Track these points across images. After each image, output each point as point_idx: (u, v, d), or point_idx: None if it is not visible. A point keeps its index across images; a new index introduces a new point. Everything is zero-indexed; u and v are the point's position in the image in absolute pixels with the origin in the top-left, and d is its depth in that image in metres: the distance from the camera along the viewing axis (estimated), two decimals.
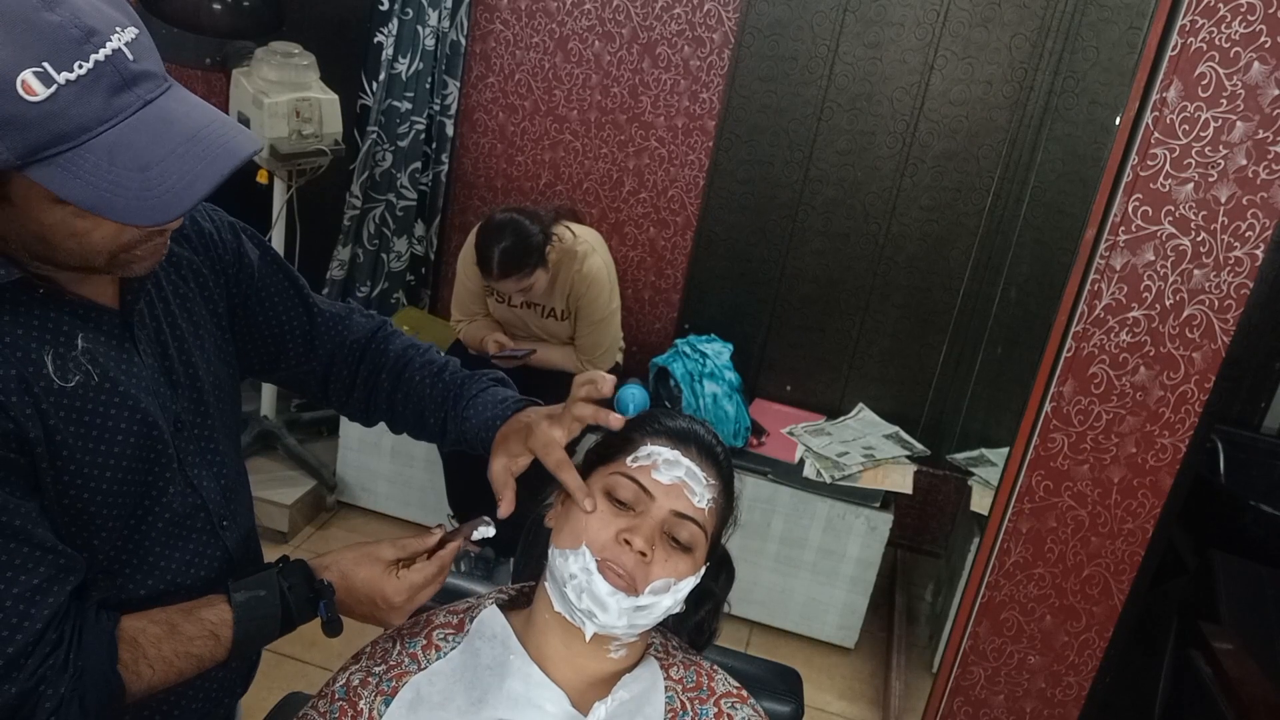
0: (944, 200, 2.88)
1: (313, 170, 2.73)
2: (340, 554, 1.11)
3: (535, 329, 2.81)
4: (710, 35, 2.87)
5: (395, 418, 1.31)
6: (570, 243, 2.67)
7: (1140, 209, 1.66)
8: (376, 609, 1.09)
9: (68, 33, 0.80)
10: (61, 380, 0.93)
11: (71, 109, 0.80)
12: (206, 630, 1.01)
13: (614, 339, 2.84)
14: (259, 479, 2.89)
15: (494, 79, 3.08)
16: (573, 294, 2.71)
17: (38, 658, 0.90)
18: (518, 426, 1.17)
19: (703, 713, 1.06)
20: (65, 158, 0.81)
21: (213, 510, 1.11)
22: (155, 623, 1.00)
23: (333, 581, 1.08)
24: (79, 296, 0.97)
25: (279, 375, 1.29)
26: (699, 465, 1.08)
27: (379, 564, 1.09)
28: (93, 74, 0.81)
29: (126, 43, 0.84)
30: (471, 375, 1.28)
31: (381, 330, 1.31)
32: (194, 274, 1.12)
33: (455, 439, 1.26)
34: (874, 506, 2.66)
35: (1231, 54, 1.56)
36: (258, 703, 1.36)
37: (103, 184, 0.82)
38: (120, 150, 0.83)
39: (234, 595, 1.04)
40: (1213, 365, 1.71)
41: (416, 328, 3.08)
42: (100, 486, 0.97)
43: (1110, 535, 1.85)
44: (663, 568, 1.03)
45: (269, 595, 1.05)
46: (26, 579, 0.90)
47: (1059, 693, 1.99)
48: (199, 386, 1.10)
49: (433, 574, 1.10)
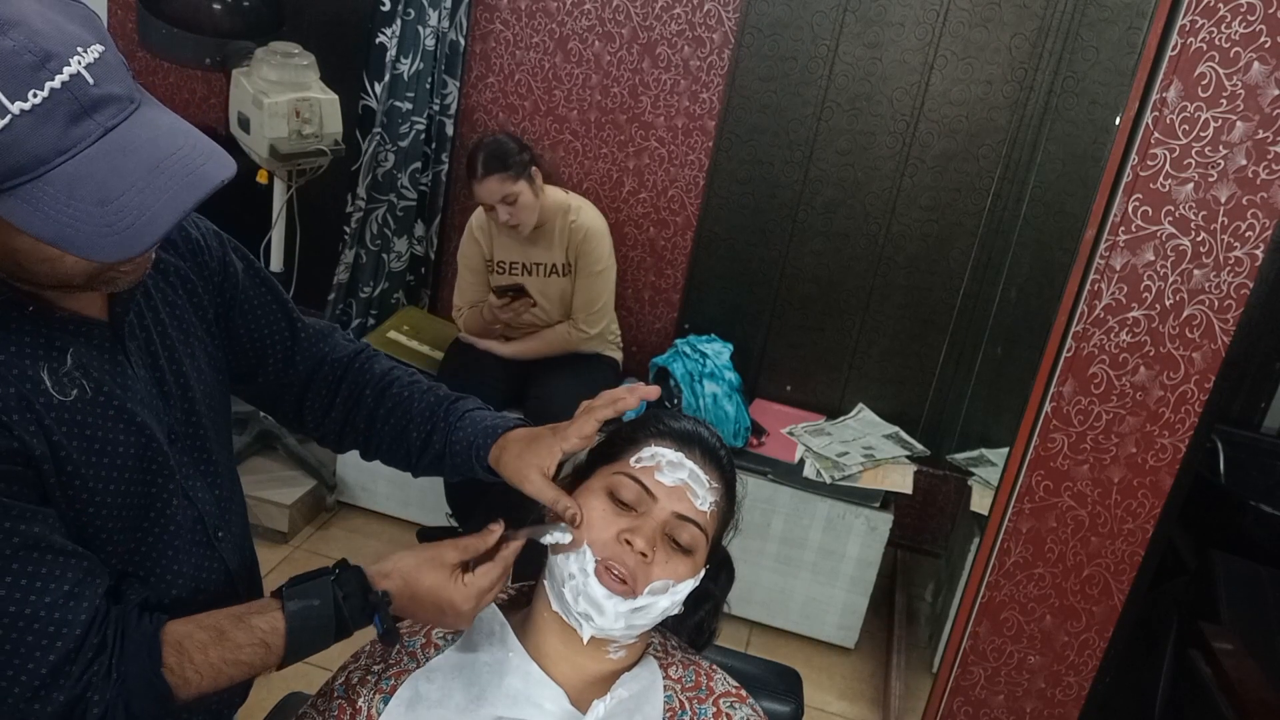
0: (944, 200, 2.88)
1: (313, 170, 2.73)
2: (401, 560, 1.06)
3: (538, 295, 2.80)
4: (710, 35, 2.87)
5: (373, 436, 1.27)
6: (562, 197, 2.78)
7: (1140, 209, 1.66)
8: (444, 615, 1.05)
9: (21, 59, 0.76)
10: (61, 395, 0.92)
11: (27, 140, 0.76)
12: (257, 638, 0.98)
13: (609, 300, 2.84)
14: (259, 479, 2.89)
15: (494, 79, 3.08)
16: (570, 243, 2.76)
17: (82, 663, 0.89)
18: (529, 437, 1.13)
19: (701, 712, 1.06)
20: (23, 190, 0.77)
21: (208, 522, 1.10)
22: (203, 628, 0.98)
23: (394, 589, 1.04)
24: (68, 311, 0.95)
25: (255, 388, 1.26)
26: (702, 468, 1.08)
27: (443, 569, 1.04)
28: (48, 102, 0.77)
29: (88, 65, 0.79)
30: (462, 395, 1.26)
31: (365, 351, 1.30)
32: (182, 281, 1.10)
33: (436, 454, 1.22)
34: (874, 506, 2.66)
35: (1231, 54, 1.56)
36: (258, 703, 1.36)
37: (63, 218, 0.78)
38: (79, 183, 0.79)
39: (287, 604, 1.00)
40: (1213, 365, 1.71)
41: (416, 327, 3.08)
42: (106, 500, 0.96)
43: (1110, 535, 1.85)
44: (663, 569, 1.03)
45: (323, 605, 1.01)
46: (58, 586, 0.89)
47: (1059, 693, 1.99)
48: (190, 396, 1.08)
49: (497, 577, 1.06)
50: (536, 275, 2.80)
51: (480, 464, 1.16)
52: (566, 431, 1.09)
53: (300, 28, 2.95)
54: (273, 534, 2.84)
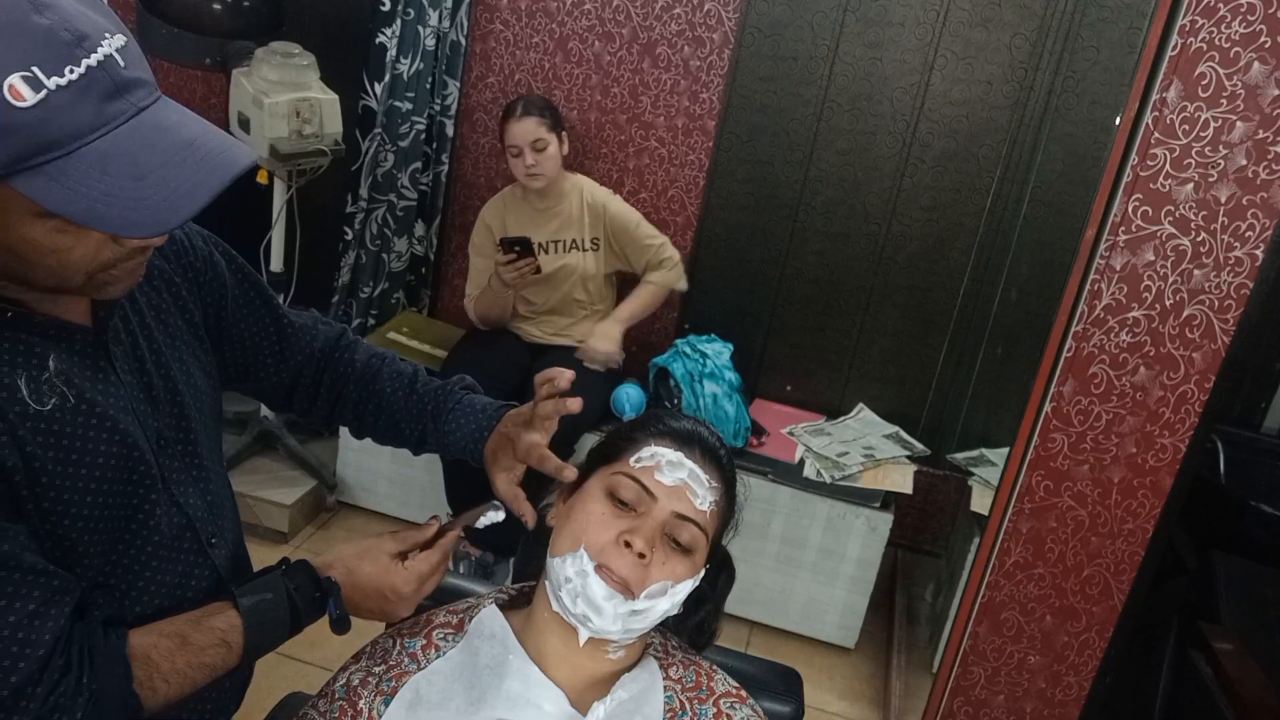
0: (944, 200, 2.88)
1: (313, 170, 2.73)
2: (342, 551, 1.11)
3: (561, 278, 2.83)
4: (710, 35, 2.87)
5: (362, 425, 1.31)
6: (574, 177, 2.87)
7: (1140, 209, 1.66)
8: (386, 601, 1.09)
9: (58, 36, 0.76)
10: (38, 404, 0.90)
11: (62, 115, 0.77)
12: (217, 639, 1.00)
13: (658, 234, 2.89)
14: (259, 479, 2.89)
15: (494, 79, 3.08)
16: (591, 212, 2.83)
17: (47, 685, 0.88)
18: (501, 441, 1.20)
19: (702, 712, 1.06)
20: (53, 166, 0.77)
21: (200, 528, 1.09)
22: (165, 636, 0.98)
23: (337, 578, 1.08)
24: (49, 316, 0.93)
25: (247, 387, 1.28)
26: (702, 467, 1.08)
27: (383, 557, 1.09)
28: (85, 79, 0.77)
29: (117, 49, 0.80)
30: (443, 386, 1.29)
31: (343, 338, 1.30)
32: (167, 285, 1.09)
33: (436, 450, 1.28)
34: (874, 506, 2.66)
35: (1231, 54, 1.56)
36: (258, 703, 1.36)
37: (94, 194, 0.78)
38: (114, 159, 0.79)
39: (241, 600, 1.02)
40: (1213, 365, 1.71)
41: (416, 330, 3.08)
42: (82, 512, 0.94)
43: (1110, 535, 1.85)
44: (661, 570, 1.03)
45: (276, 597, 1.04)
46: (22, 605, 0.87)
47: (1059, 693, 1.99)
48: (180, 401, 1.07)
49: (437, 562, 1.12)
50: (555, 253, 2.82)
51: (477, 464, 1.24)
52: (534, 420, 1.18)
53: (300, 28, 2.95)
54: (273, 534, 2.84)
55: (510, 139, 2.71)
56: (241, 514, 1.24)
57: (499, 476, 1.20)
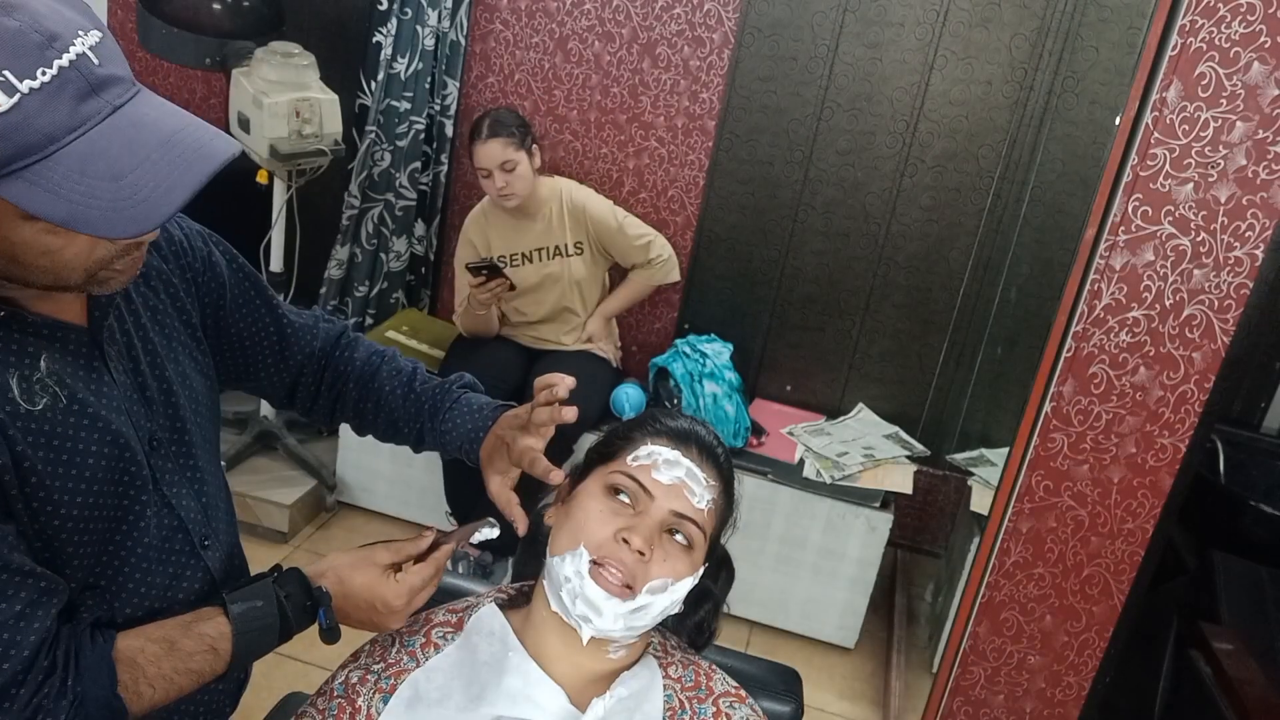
0: (944, 200, 2.88)
1: (312, 170, 2.73)
2: (334, 560, 1.10)
3: (548, 287, 2.82)
4: (710, 35, 2.87)
5: (363, 424, 1.31)
6: (553, 182, 2.83)
7: (1140, 209, 1.66)
8: (376, 613, 1.08)
9: (28, 38, 0.75)
10: (29, 404, 0.89)
11: (37, 119, 0.75)
12: (205, 645, 0.99)
13: (648, 229, 2.88)
14: (259, 479, 2.89)
15: (494, 79, 3.08)
16: (572, 216, 2.80)
17: (30, 687, 0.87)
18: (497, 444, 1.20)
19: (701, 712, 1.06)
20: (32, 171, 0.76)
21: (193, 530, 1.08)
22: (153, 640, 0.97)
23: (329, 588, 1.07)
24: (42, 315, 0.92)
25: (249, 385, 1.27)
26: (699, 466, 1.08)
27: (375, 568, 1.08)
28: (57, 80, 0.76)
29: (90, 46, 0.79)
30: (442, 385, 1.28)
31: (344, 337, 1.30)
32: (164, 284, 1.08)
33: (434, 449, 1.28)
34: (874, 506, 2.66)
35: (1231, 54, 1.56)
36: (258, 703, 1.36)
37: (74, 196, 0.77)
38: (91, 160, 0.78)
39: (230, 607, 1.01)
40: (1213, 365, 1.71)
41: (416, 329, 3.08)
42: (72, 513, 0.93)
43: (1110, 535, 1.85)
44: (660, 567, 1.03)
45: (266, 605, 1.03)
46: (8, 606, 0.86)
47: (1059, 693, 1.99)
48: (174, 402, 1.06)
49: (429, 576, 1.10)
50: (539, 262, 2.81)
51: (473, 464, 1.23)
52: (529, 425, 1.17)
53: (300, 28, 2.95)
54: (273, 534, 2.84)
55: (478, 161, 2.66)
56: (241, 514, 1.23)
57: (493, 479, 1.19)
